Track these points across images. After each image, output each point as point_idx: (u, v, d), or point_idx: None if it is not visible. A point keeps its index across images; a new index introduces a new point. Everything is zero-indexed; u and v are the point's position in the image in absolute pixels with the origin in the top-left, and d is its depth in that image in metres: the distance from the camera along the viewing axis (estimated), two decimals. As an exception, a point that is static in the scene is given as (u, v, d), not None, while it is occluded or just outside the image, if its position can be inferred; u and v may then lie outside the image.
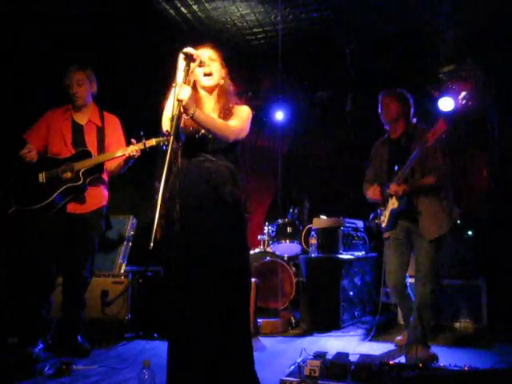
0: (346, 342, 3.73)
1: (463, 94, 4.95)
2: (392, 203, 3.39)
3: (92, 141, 3.30)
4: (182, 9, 4.45)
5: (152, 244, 1.94)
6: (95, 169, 3.20)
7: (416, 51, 4.96)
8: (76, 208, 3.21)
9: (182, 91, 2.16)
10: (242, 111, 2.46)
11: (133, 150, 3.09)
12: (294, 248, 4.86)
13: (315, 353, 2.76)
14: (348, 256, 4.49)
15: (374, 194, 3.48)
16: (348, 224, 4.72)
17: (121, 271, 3.98)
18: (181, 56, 2.27)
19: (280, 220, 4.98)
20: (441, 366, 2.73)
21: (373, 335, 3.89)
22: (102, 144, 3.31)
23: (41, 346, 3.06)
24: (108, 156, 3.21)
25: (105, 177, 3.36)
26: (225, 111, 2.41)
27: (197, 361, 2.22)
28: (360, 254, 4.77)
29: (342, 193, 5.62)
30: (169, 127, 2.14)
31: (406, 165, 3.23)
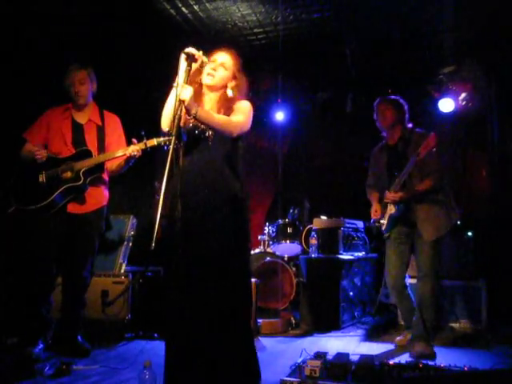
0: (346, 343, 3.73)
1: (463, 95, 4.98)
2: (390, 209, 3.51)
3: (92, 140, 3.27)
4: (182, 9, 4.44)
5: (154, 244, 1.94)
6: (96, 168, 3.18)
7: (416, 52, 4.97)
8: (76, 208, 3.19)
9: (183, 91, 2.15)
10: (243, 106, 2.44)
11: (134, 150, 3.06)
12: (294, 248, 4.86)
13: (315, 353, 2.77)
14: (348, 256, 4.49)
15: (374, 215, 3.62)
16: (348, 224, 4.72)
17: (121, 271, 3.98)
18: (182, 56, 2.28)
19: (280, 220, 4.98)
20: (441, 366, 2.74)
21: (371, 335, 3.92)
22: (102, 143, 3.28)
23: (41, 346, 3.05)
24: (109, 156, 3.18)
25: (105, 176, 3.34)
26: (224, 110, 2.40)
27: (196, 360, 2.22)
28: (360, 254, 4.78)
29: (342, 193, 5.62)
30: (169, 127, 2.14)
31: (402, 173, 3.33)
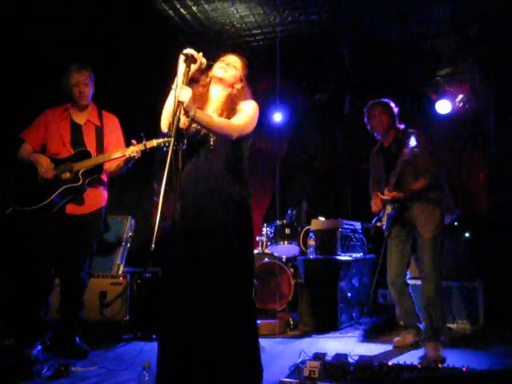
0: (344, 343, 3.74)
1: (460, 96, 5.01)
2: (387, 208, 3.58)
3: (91, 141, 3.26)
4: (181, 10, 4.44)
5: (153, 245, 1.95)
6: (95, 169, 3.17)
7: (414, 54, 4.98)
8: (75, 209, 3.18)
9: (182, 93, 2.15)
10: (247, 107, 2.43)
11: (133, 151, 3.05)
12: (292, 249, 4.86)
13: (314, 354, 2.78)
14: (346, 257, 4.49)
15: (375, 206, 3.67)
16: (346, 225, 4.72)
17: (119, 272, 3.98)
18: (181, 57, 2.28)
19: (278, 221, 4.97)
20: (439, 366, 2.75)
21: (369, 336, 3.94)
22: (101, 144, 3.26)
23: (39, 348, 3.03)
24: (108, 157, 3.17)
25: (104, 177, 3.33)
26: (228, 111, 2.40)
27: (196, 361, 2.22)
28: (358, 255, 4.78)
29: (339, 194, 5.63)
30: (169, 128, 2.14)
31: (392, 173, 3.44)
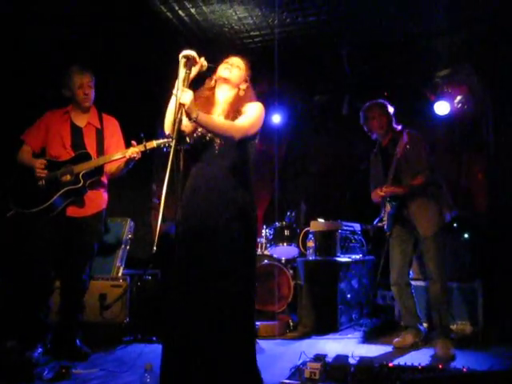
0: (344, 345, 3.74)
1: (459, 97, 5.03)
2: (387, 207, 3.62)
3: (91, 143, 3.26)
4: (179, 12, 4.44)
5: (155, 248, 1.95)
6: (95, 171, 3.17)
7: (412, 55, 5.00)
8: (76, 211, 3.18)
9: (183, 95, 2.15)
10: (252, 108, 2.44)
11: (133, 152, 3.06)
12: (291, 251, 4.86)
13: (315, 355, 2.78)
14: (345, 259, 4.50)
15: (375, 197, 3.70)
16: (345, 227, 4.72)
17: (118, 274, 3.97)
18: (182, 60, 2.28)
19: (277, 223, 4.97)
20: (439, 367, 2.76)
21: (369, 337, 3.95)
22: (101, 146, 3.27)
23: (40, 350, 3.03)
24: (108, 158, 3.17)
25: (104, 180, 3.33)
26: (234, 113, 2.40)
27: (196, 361, 2.23)
28: (357, 256, 4.78)
29: (339, 196, 5.64)
30: (171, 130, 2.15)
31: (389, 172, 3.51)
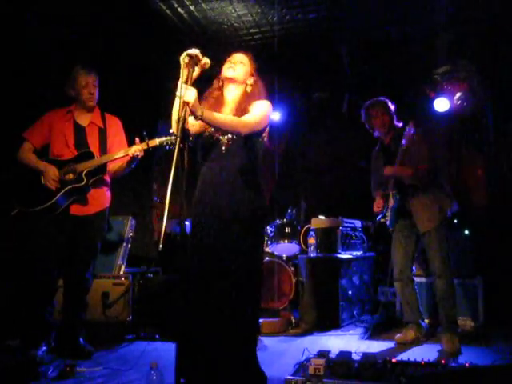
0: (346, 341, 3.76)
1: (458, 94, 5.03)
2: (390, 201, 3.61)
3: (94, 142, 3.26)
4: (178, 9, 4.43)
5: (161, 246, 1.96)
6: (98, 170, 3.17)
7: (412, 52, 5.00)
8: (79, 210, 3.18)
9: (187, 93, 2.15)
10: (259, 105, 2.44)
11: (136, 150, 3.06)
12: (292, 248, 4.87)
13: (319, 352, 2.79)
14: (347, 256, 4.51)
15: (377, 207, 3.71)
16: (346, 224, 4.74)
17: (120, 272, 3.98)
18: (185, 58, 2.27)
19: (278, 220, 4.98)
20: (442, 363, 2.77)
21: (371, 333, 3.96)
22: (104, 145, 3.27)
23: (44, 349, 3.03)
24: (111, 156, 3.18)
25: (107, 178, 3.34)
26: (241, 112, 2.40)
27: (202, 359, 2.24)
28: (358, 253, 4.80)
29: (339, 193, 5.65)
30: (177, 129, 2.15)
31: (396, 162, 3.50)
